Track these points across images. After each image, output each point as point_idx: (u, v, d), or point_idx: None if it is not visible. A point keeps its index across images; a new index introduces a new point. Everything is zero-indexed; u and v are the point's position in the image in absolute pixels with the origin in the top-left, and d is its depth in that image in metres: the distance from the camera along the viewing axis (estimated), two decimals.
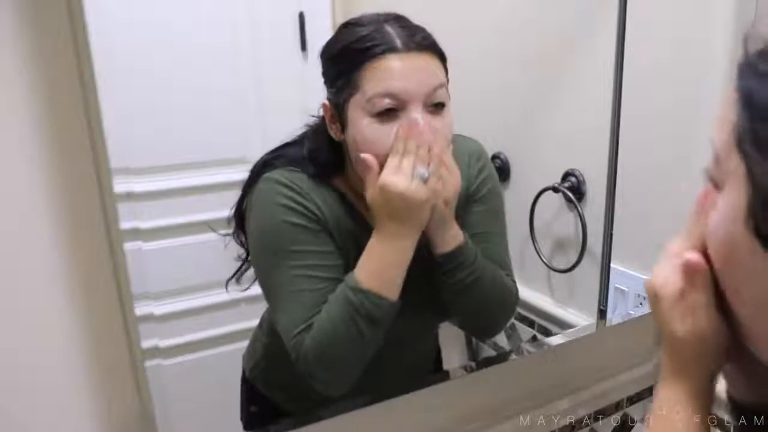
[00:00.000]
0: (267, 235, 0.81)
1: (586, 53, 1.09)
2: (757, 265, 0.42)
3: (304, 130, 0.86)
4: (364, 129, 0.76)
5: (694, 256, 0.49)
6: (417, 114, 0.75)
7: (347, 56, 0.76)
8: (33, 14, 0.61)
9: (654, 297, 0.53)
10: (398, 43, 0.74)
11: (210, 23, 0.90)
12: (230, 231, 0.86)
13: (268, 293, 0.82)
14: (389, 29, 0.75)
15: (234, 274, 0.88)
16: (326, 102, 0.80)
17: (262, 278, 0.83)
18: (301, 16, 0.91)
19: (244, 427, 0.94)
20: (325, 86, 0.80)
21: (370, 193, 0.76)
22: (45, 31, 0.61)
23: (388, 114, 0.75)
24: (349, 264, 0.80)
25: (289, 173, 0.81)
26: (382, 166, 0.75)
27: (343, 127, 0.79)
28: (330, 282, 0.79)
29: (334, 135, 0.80)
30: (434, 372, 1.03)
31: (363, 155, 0.76)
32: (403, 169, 0.74)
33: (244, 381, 0.96)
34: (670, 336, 0.52)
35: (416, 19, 0.78)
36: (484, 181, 0.90)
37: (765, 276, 0.42)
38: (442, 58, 0.79)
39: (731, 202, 0.44)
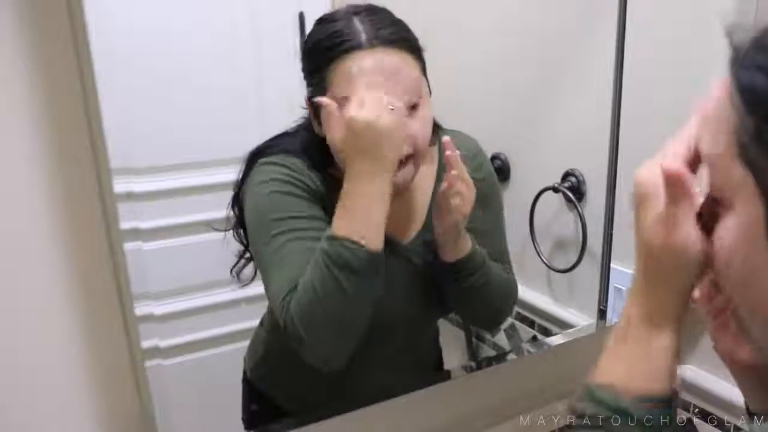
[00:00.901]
0: (258, 207, 0.79)
1: (586, 53, 1.09)
2: None
3: (299, 122, 0.85)
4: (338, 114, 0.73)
5: (674, 166, 0.45)
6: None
7: (317, 54, 0.75)
8: (33, 15, 0.61)
9: (638, 199, 0.50)
10: (363, 38, 0.72)
11: (210, 23, 0.90)
12: (229, 227, 0.86)
13: (260, 266, 0.80)
14: (357, 24, 0.73)
15: (235, 266, 0.87)
16: (306, 99, 0.79)
17: (256, 254, 0.81)
18: (301, 16, 0.91)
19: (246, 427, 0.94)
20: (305, 82, 0.79)
21: (335, 135, 0.72)
22: (45, 31, 0.62)
23: None
24: None
25: (283, 158, 0.80)
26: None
27: (320, 120, 0.77)
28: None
29: (317, 130, 0.79)
30: (435, 372, 1.03)
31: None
32: (370, 102, 0.70)
33: (245, 381, 0.96)
34: (647, 245, 0.49)
35: (416, 20, 0.78)
36: (484, 180, 0.90)
37: None
38: (414, 51, 0.76)
39: (745, 221, 0.40)
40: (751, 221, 0.39)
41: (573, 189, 1.10)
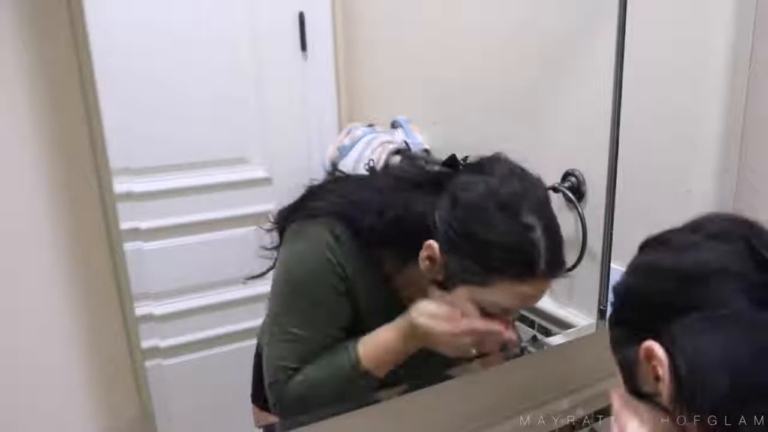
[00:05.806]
0: (302, 277, 0.83)
1: (586, 53, 1.09)
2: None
3: (359, 179, 0.90)
4: (464, 306, 0.79)
5: None
6: (513, 317, 0.84)
7: (494, 256, 0.76)
8: (33, 14, 0.61)
9: None
10: (542, 267, 0.75)
11: (210, 23, 0.90)
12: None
13: (278, 319, 0.85)
14: (543, 245, 0.75)
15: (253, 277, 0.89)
16: (436, 248, 0.79)
17: (278, 300, 0.85)
18: (301, 16, 0.91)
19: (252, 401, 0.94)
20: (448, 238, 0.78)
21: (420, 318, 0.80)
22: (45, 31, 0.62)
23: None
24: (361, 318, 0.85)
25: (344, 228, 0.82)
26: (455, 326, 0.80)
27: (443, 284, 0.80)
28: (329, 338, 0.84)
29: (424, 268, 0.81)
30: None
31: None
32: (461, 334, 0.79)
33: (258, 356, 0.96)
34: None
35: (417, 21, 0.78)
36: None
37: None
38: None
39: None
40: None
41: (573, 189, 1.10)
